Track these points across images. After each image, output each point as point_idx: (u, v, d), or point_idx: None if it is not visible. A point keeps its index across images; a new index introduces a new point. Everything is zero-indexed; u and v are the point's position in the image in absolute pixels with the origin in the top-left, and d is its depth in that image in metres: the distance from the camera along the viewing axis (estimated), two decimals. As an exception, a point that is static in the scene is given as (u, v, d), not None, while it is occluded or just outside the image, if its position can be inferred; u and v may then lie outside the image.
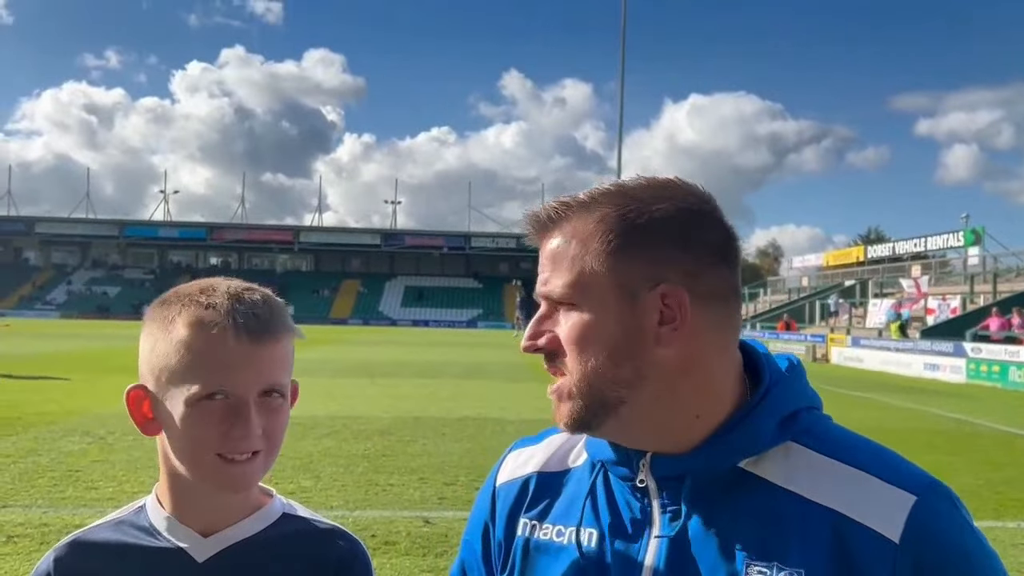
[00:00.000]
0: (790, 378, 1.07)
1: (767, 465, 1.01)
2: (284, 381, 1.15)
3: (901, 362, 27.40)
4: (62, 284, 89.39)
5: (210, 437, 1.10)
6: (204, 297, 1.14)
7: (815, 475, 0.99)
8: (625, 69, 46.84)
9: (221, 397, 1.10)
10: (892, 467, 0.98)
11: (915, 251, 51.00)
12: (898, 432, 12.03)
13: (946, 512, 0.95)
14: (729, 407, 1.03)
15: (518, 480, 1.21)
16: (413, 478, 7.72)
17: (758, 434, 1.01)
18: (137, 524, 1.20)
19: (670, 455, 1.03)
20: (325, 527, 1.27)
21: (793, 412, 1.03)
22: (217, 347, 1.09)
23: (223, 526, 1.18)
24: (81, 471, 7.56)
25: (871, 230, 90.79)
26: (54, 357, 22.47)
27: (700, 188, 1.05)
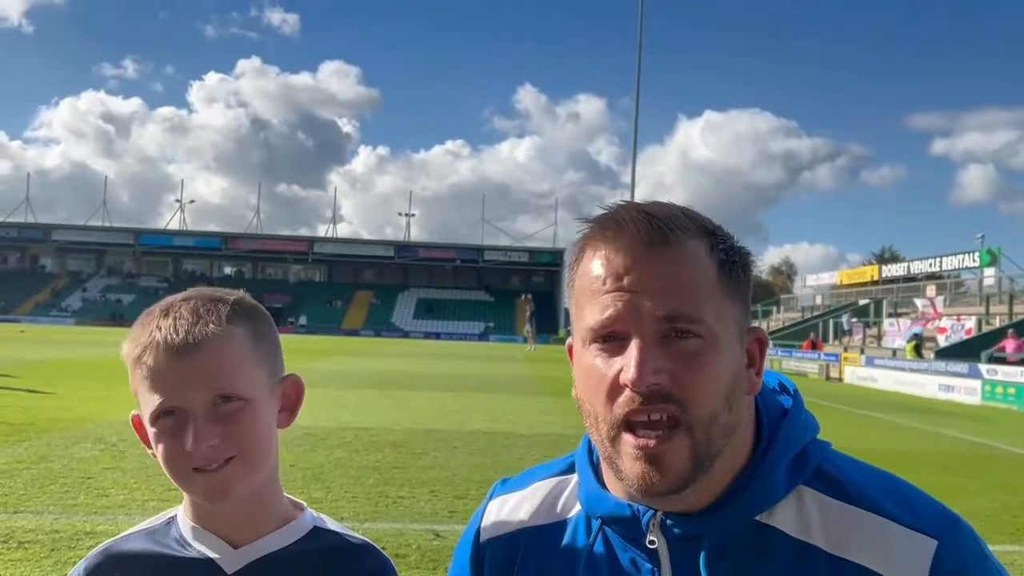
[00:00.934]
0: (792, 413, 1.02)
1: (782, 516, 0.96)
2: (233, 383, 1.12)
3: (915, 383, 27.18)
4: (77, 291, 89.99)
5: (174, 451, 1.10)
6: (144, 318, 1.17)
7: (833, 524, 0.94)
8: (640, 85, 46.91)
9: (173, 414, 1.11)
10: (910, 508, 0.95)
11: (930, 271, 50.72)
12: (913, 454, 11.92)
13: (968, 553, 0.93)
14: (745, 457, 0.98)
15: (505, 536, 1.12)
16: (424, 491, 7.69)
17: (773, 486, 0.96)
18: (168, 534, 1.20)
19: (684, 513, 0.96)
20: (356, 542, 1.26)
21: (801, 451, 0.99)
22: (149, 368, 1.12)
23: (252, 537, 1.18)
24: (93, 478, 7.57)
25: (885, 249, 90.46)
26: (68, 364, 22.58)
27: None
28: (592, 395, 0.95)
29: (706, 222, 0.98)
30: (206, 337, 1.11)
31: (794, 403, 1.04)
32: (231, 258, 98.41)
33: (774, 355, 39.35)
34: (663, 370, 0.90)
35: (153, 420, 1.11)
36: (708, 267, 0.94)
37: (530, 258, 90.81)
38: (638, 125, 48.27)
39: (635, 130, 47.91)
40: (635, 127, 47.86)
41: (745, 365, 0.97)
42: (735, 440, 0.96)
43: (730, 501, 0.95)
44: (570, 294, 1.01)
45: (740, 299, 0.97)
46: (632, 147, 48.33)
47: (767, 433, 0.99)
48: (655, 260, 0.92)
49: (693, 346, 0.91)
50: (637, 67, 46.77)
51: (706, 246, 0.95)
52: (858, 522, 0.94)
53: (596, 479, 1.05)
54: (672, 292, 0.91)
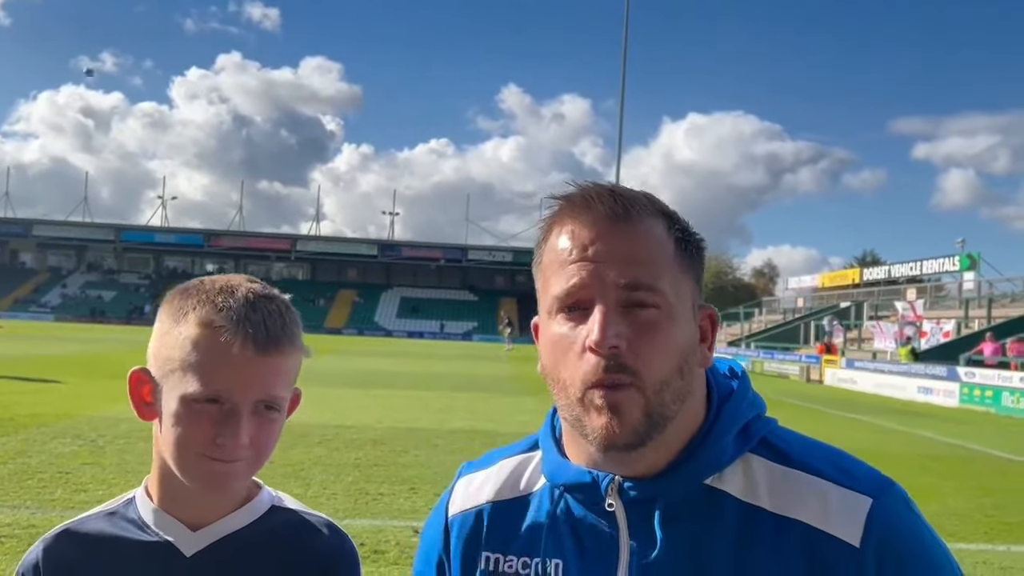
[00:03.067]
0: (740, 389, 1.09)
1: (730, 480, 1.02)
2: (283, 395, 1.15)
3: (895, 385, 27.40)
4: (57, 287, 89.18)
5: (198, 438, 1.09)
6: (221, 298, 1.14)
7: (777, 486, 1.01)
8: (625, 87, 47.05)
9: (217, 402, 1.10)
10: (847, 471, 1.02)
11: (911, 274, 51.17)
12: (893, 455, 12.02)
13: (901, 511, 0.99)
14: (695, 427, 1.05)
15: (472, 511, 1.15)
16: (404, 488, 7.70)
17: (720, 451, 1.02)
18: (127, 516, 1.20)
19: (640, 478, 1.02)
20: (314, 519, 1.27)
21: (746, 423, 1.06)
22: (221, 352, 1.09)
23: (211, 519, 1.18)
24: (71, 473, 7.53)
25: (867, 252, 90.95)
26: (47, 360, 22.40)
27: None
28: (559, 361, 1.00)
29: (663, 205, 1.05)
30: (289, 344, 1.15)
31: (741, 383, 1.10)
32: (213, 255, 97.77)
33: (756, 357, 39.58)
34: (622, 335, 0.96)
35: (188, 400, 1.09)
36: (666, 243, 1.01)
37: (514, 258, 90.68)
38: (623, 127, 48.41)
39: (620, 132, 48.00)
40: (620, 129, 47.95)
41: (698, 340, 1.03)
42: (688, 409, 1.02)
43: (681, 465, 1.01)
44: (537, 271, 1.07)
45: (694, 277, 1.04)
46: (617, 148, 48.44)
47: (716, 407, 1.06)
48: (618, 233, 0.99)
49: (651, 316, 0.97)
50: (622, 68, 46.89)
51: (664, 224, 1.02)
52: (800, 484, 1.00)
53: (559, 451, 1.11)
54: (633, 263, 0.98)
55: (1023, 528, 7.35)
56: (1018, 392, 21.73)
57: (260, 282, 1.21)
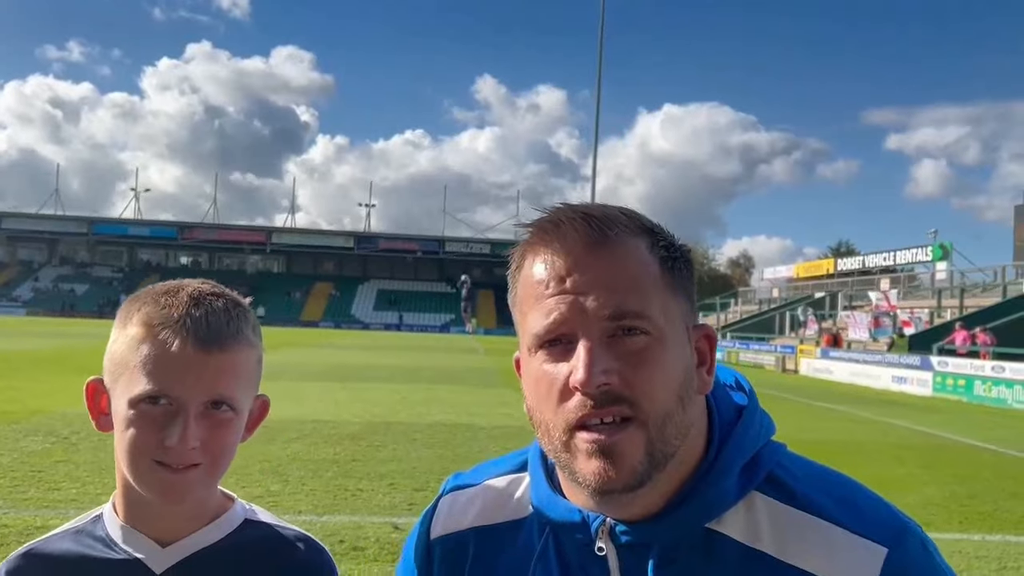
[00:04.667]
0: (747, 415, 1.00)
1: (732, 522, 0.95)
2: (234, 394, 1.10)
3: (870, 374, 27.69)
4: (28, 281, 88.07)
5: (147, 442, 1.06)
6: (164, 298, 1.11)
7: (783, 531, 0.93)
8: (601, 77, 47.07)
9: (164, 402, 1.06)
10: (860, 515, 0.94)
11: (884, 264, 51.75)
12: (868, 445, 12.15)
13: (920, 562, 0.93)
14: (696, 460, 0.96)
15: (456, 535, 1.09)
16: (383, 484, 7.65)
17: (723, 493, 0.94)
18: (94, 534, 1.16)
19: (633, 521, 0.95)
20: (289, 533, 1.23)
21: (754, 455, 0.98)
22: (163, 350, 1.06)
23: (182, 534, 1.14)
24: (44, 471, 7.42)
25: (841, 243, 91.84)
26: (19, 355, 22.10)
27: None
28: (542, 402, 0.93)
29: (645, 220, 0.97)
30: (235, 340, 1.10)
31: (749, 403, 1.02)
32: (187, 248, 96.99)
33: (731, 347, 39.84)
34: (612, 370, 0.88)
35: (134, 402, 1.05)
36: (650, 264, 0.93)
37: (491, 250, 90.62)
38: (599, 117, 48.44)
39: (596, 122, 48.13)
40: (596, 120, 48.06)
41: (696, 364, 0.95)
42: (688, 442, 0.94)
43: (679, 508, 0.93)
44: (514, 305, 0.99)
45: (685, 295, 0.96)
46: (593, 139, 48.49)
47: (719, 435, 0.97)
48: (597, 259, 0.91)
49: (641, 343, 0.90)
50: (599, 59, 46.93)
51: (647, 243, 0.94)
52: (808, 528, 0.93)
53: (548, 482, 1.03)
54: (616, 290, 0.90)
55: (996, 517, 7.43)
56: (989, 381, 22.05)
57: (212, 283, 1.17)
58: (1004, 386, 21.40)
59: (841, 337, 34.88)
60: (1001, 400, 21.12)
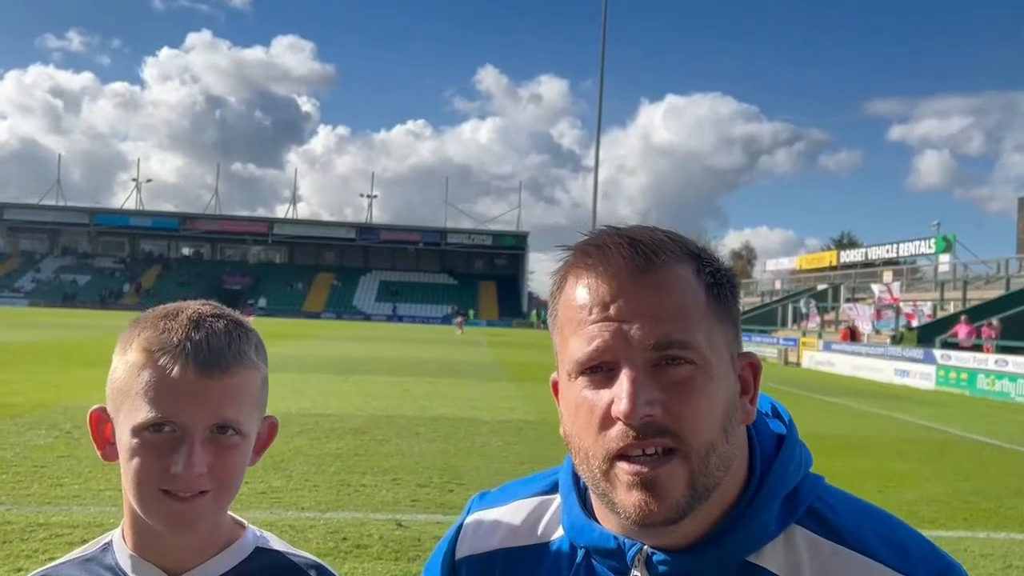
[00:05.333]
0: (787, 447, 0.98)
1: (772, 556, 0.92)
2: (239, 417, 1.07)
3: (872, 367, 27.68)
4: (30, 272, 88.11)
5: (152, 470, 1.03)
6: (164, 322, 1.08)
7: (824, 565, 0.91)
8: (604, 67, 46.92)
9: (168, 429, 1.03)
10: (904, 552, 0.92)
11: (887, 256, 51.66)
12: (870, 439, 12.12)
13: None
14: (737, 490, 0.94)
15: (481, 555, 1.08)
16: (386, 479, 7.64)
17: (764, 525, 0.92)
18: (103, 563, 1.13)
19: (670, 550, 0.92)
20: (301, 561, 1.21)
21: (794, 488, 0.96)
22: (164, 375, 1.03)
23: (192, 564, 1.12)
24: (47, 467, 7.40)
25: (844, 235, 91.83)
26: (21, 347, 22.10)
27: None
28: (582, 430, 0.91)
29: (691, 245, 0.94)
30: (239, 363, 1.07)
31: (789, 434, 1.00)
32: (189, 239, 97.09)
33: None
34: (656, 401, 0.86)
35: (137, 430, 1.03)
36: (696, 291, 0.91)
37: (493, 241, 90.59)
38: (602, 108, 48.30)
39: (599, 113, 47.98)
40: (599, 110, 47.92)
41: (739, 392, 0.93)
42: (730, 473, 0.92)
43: (720, 540, 0.91)
44: (553, 325, 0.97)
45: (730, 322, 0.93)
46: (596, 129, 48.38)
47: (760, 468, 0.95)
48: (642, 287, 0.88)
49: (685, 372, 0.87)
50: (602, 49, 46.76)
51: (693, 269, 0.92)
52: (850, 564, 0.90)
53: (581, 505, 1.01)
54: (661, 319, 0.87)
55: (1001, 514, 7.40)
56: (992, 374, 22.02)
57: (213, 304, 1.14)
58: (1007, 380, 21.36)
59: (859, 331, 34.10)
60: (1004, 394, 21.10)
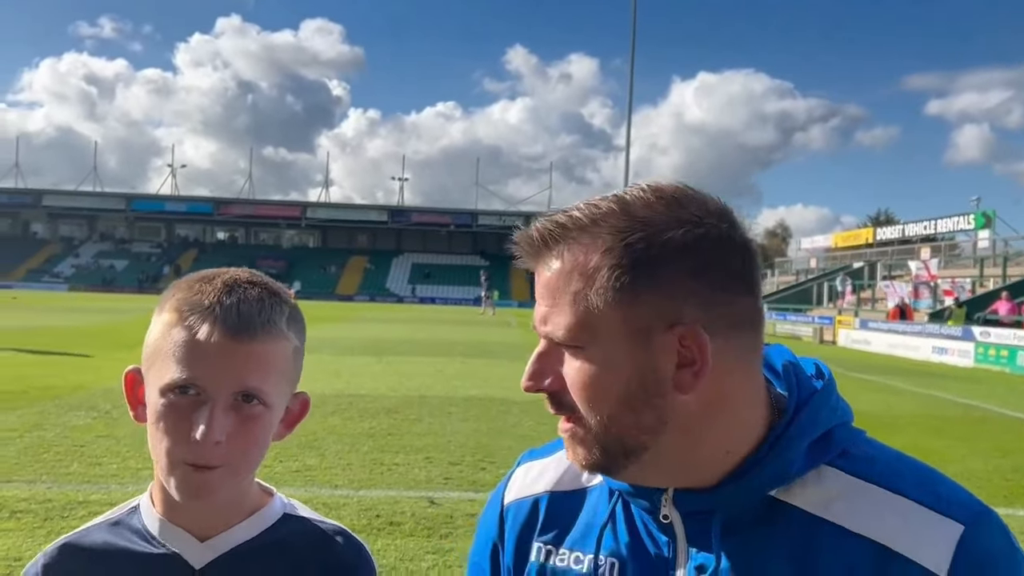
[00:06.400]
0: (821, 395, 0.98)
1: (800, 492, 0.94)
2: (264, 387, 1.06)
3: (909, 345, 27.30)
4: (69, 257, 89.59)
5: (174, 433, 1.02)
6: (199, 284, 1.07)
7: (852, 501, 0.91)
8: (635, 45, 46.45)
9: (193, 392, 1.02)
10: (936, 492, 0.91)
11: (925, 233, 50.78)
12: (907, 417, 11.97)
13: (1000, 544, 0.89)
14: (758, 436, 0.95)
15: (528, 499, 1.13)
16: (419, 457, 7.69)
17: (788, 462, 0.93)
18: (131, 526, 1.13)
19: (695, 490, 0.96)
20: (328, 528, 1.21)
21: (825, 432, 0.96)
22: (191, 336, 1.02)
23: (219, 529, 1.12)
24: (86, 446, 7.55)
25: (880, 211, 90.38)
26: (61, 331, 22.51)
27: (715, 203, 0.93)
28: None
29: (603, 219, 0.91)
30: (267, 331, 1.06)
31: (825, 386, 1.00)
32: (224, 223, 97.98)
33: (768, 318, 39.38)
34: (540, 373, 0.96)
35: (164, 391, 1.03)
36: (581, 274, 0.92)
37: (525, 222, 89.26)
38: (633, 86, 47.83)
39: (630, 91, 47.50)
40: (630, 88, 47.44)
41: (675, 365, 0.90)
42: (736, 426, 0.94)
43: (743, 476, 0.94)
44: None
45: (654, 296, 0.89)
46: (627, 108, 47.96)
47: (790, 414, 0.96)
48: (537, 273, 0.97)
49: (578, 358, 0.93)
50: (632, 25, 46.28)
51: (600, 247, 0.90)
52: (880, 501, 0.91)
53: None
54: (543, 304, 0.95)
55: (1042, 491, 7.29)
56: (1034, 351, 21.61)
57: (251, 271, 1.13)
58: (1049, 356, 20.96)
59: (910, 309, 32.80)
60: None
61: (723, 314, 0.90)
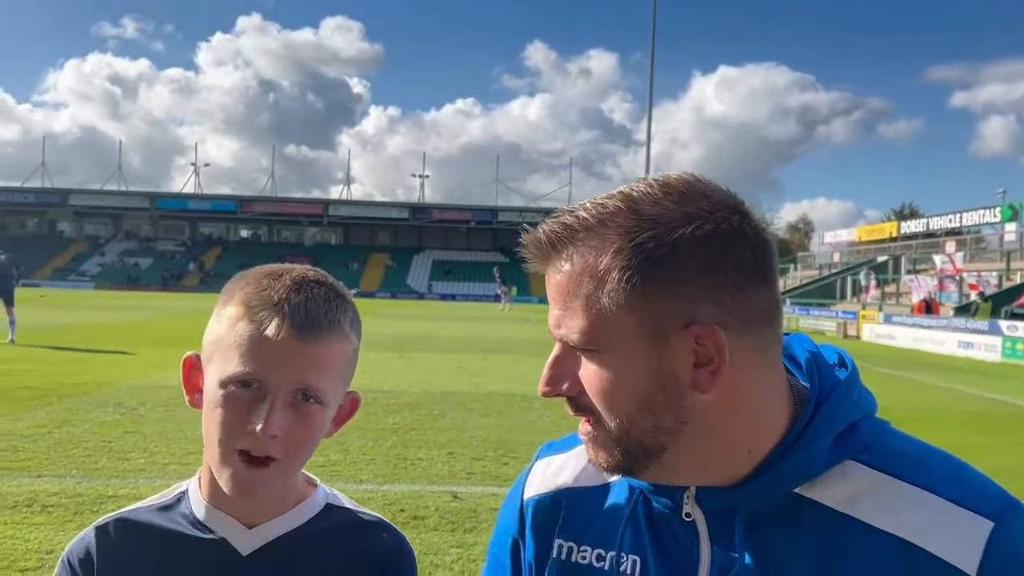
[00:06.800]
0: (844, 386, 0.96)
1: (824, 489, 0.92)
2: (322, 386, 1.07)
3: (934, 340, 27.03)
4: (95, 255, 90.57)
5: (232, 424, 1.04)
6: (267, 280, 1.08)
7: (878, 498, 0.89)
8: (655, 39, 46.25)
9: (255, 387, 1.04)
10: (964, 486, 0.89)
11: (950, 227, 50.23)
12: (934, 412, 11.86)
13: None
14: (780, 431, 0.93)
15: (548, 495, 1.12)
16: (442, 452, 7.72)
17: (812, 458, 0.91)
18: (180, 511, 1.15)
19: (717, 487, 0.94)
20: (370, 519, 1.23)
21: (850, 425, 0.94)
22: (258, 331, 1.04)
23: (266, 518, 1.14)
24: (113, 442, 7.64)
25: (905, 205, 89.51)
26: (87, 328, 22.77)
27: (725, 194, 0.91)
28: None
29: (611, 217, 0.90)
30: (332, 331, 1.07)
31: (847, 377, 0.98)
32: (247, 221, 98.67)
33: (791, 313, 39.21)
34: (557, 378, 0.96)
35: (225, 383, 1.04)
36: (593, 275, 0.90)
37: (544, 219, 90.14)
38: (653, 81, 47.67)
39: (650, 86, 47.35)
40: (650, 83, 47.28)
41: (692, 364, 0.88)
42: (757, 423, 0.92)
43: (765, 473, 0.92)
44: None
45: (666, 296, 0.87)
46: (647, 103, 47.77)
47: (813, 406, 0.94)
48: (547, 276, 0.96)
49: (594, 361, 0.92)
50: (652, 19, 46.08)
51: (608, 247, 0.89)
52: (906, 497, 0.89)
53: None
54: (555, 307, 0.94)
55: (1072, 486, 7.20)
56: (1063, 345, 21.33)
57: (317, 270, 1.14)
58: (1078, 351, 20.68)
59: (936, 303, 32.40)
60: (1075, 365, 20.44)
61: (739, 310, 0.88)
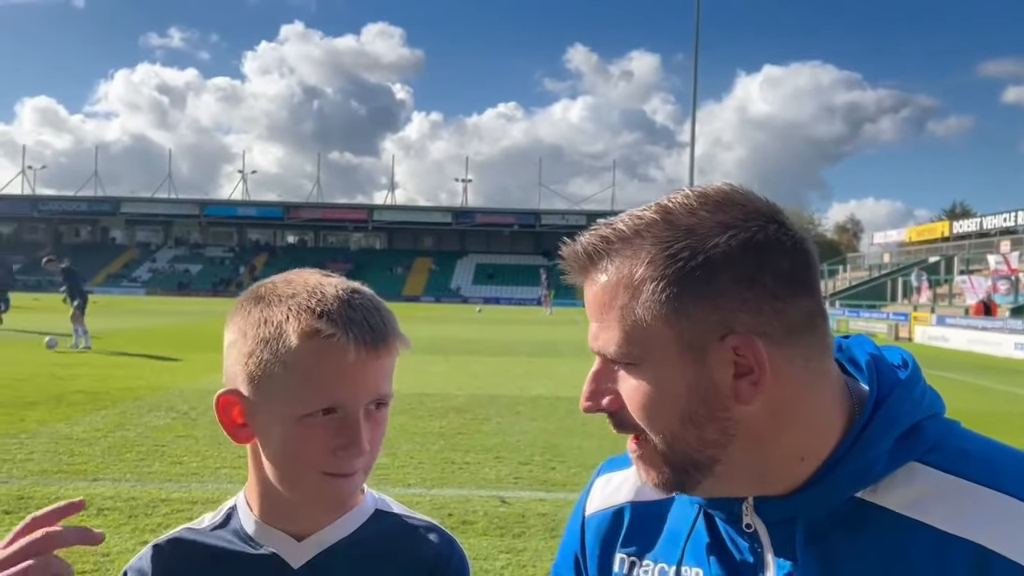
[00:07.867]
0: (903, 387, 0.92)
1: (888, 492, 0.88)
2: (390, 391, 1.09)
3: (989, 341, 26.37)
4: (147, 262, 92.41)
5: (317, 454, 1.03)
6: (314, 302, 1.03)
7: (946, 500, 0.86)
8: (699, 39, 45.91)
9: (333, 412, 1.03)
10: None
11: (1004, 226, 48.99)
12: (992, 415, 11.57)
13: None
14: (837, 437, 0.90)
15: (610, 510, 1.11)
16: (488, 457, 7.71)
17: (871, 461, 0.88)
18: (231, 529, 1.15)
19: (775, 497, 0.92)
20: (419, 524, 1.22)
21: (912, 426, 0.90)
22: (334, 360, 1.01)
23: (316, 528, 1.13)
24: (167, 446, 7.76)
25: (956, 204, 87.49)
26: (139, 333, 23.23)
27: (761, 203, 0.89)
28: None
29: (647, 229, 0.89)
30: (393, 337, 1.07)
31: (908, 376, 0.94)
32: (293, 227, 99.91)
33: (840, 315, 38.54)
34: (598, 393, 0.94)
35: (301, 418, 1.01)
36: (627, 286, 0.89)
37: (588, 221, 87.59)
38: (697, 82, 47.27)
39: (694, 86, 46.95)
40: (694, 83, 46.89)
41: (732, 376, 0.86)
42: (809, 430, 0.90)
43: (823, 479, 0.89)
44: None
45: (703, 308, 0.86)
46: (691, 104, 47.42)
47: (870, 409, 0.91)
48: (587, 291, 0.94)
49: (632, 375, 0.90)
50: (696, 20, 45.75)
51: (643, 258, 0.88)
52: (978, 499, 0.85)
53: None
54: (594, 319, 0.93)
55: None
56: (1126, 347, 20.66)
57: (334, 274, 1.13)
58: None
59: (995, 305, 31.38)
60: None
61: (778, 319, 0.86)
